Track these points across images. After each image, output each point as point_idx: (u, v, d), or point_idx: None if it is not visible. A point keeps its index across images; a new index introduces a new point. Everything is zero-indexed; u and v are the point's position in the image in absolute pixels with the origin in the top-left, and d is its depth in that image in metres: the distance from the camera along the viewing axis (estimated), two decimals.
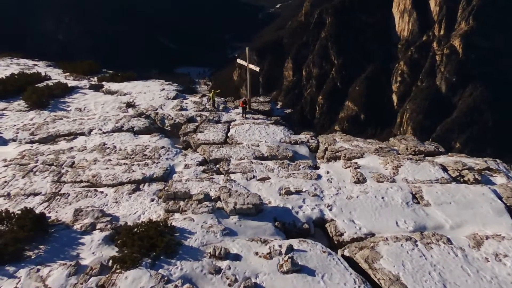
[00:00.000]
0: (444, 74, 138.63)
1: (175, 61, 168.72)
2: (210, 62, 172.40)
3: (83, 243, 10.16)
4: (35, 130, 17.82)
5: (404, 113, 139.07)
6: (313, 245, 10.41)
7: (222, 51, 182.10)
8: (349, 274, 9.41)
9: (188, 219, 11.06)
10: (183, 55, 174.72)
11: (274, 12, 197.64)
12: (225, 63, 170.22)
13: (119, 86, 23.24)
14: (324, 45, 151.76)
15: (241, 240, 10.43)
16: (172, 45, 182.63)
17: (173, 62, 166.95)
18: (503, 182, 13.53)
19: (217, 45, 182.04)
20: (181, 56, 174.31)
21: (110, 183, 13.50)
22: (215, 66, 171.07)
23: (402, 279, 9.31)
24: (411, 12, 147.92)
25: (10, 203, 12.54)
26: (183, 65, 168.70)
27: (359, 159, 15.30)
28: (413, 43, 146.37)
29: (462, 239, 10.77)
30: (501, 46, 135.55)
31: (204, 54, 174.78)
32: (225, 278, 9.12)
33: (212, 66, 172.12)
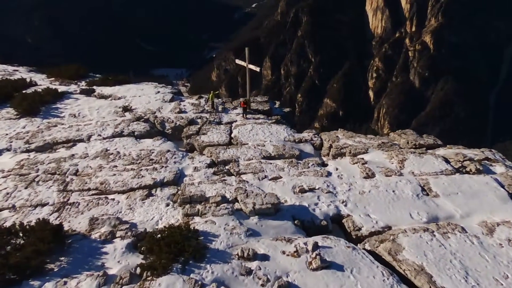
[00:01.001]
0: (417, 69, 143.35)
1: (152, 62, 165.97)
2: (188, 63, 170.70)
3: (106, 252, 9.91)
4: (29, 138, 17.14)
5: (380, 108, 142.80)
6: (336, 241, 10.61)
7: (199, 52, 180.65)
8: (376, 267, 9.66)
9: (209, 222, 11.00)
10: (160, 57, 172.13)
11: (250, 12, 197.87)
12: (203, 64, 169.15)
13: (112, 90, 22.67)
14: (301, 44, 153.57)
15: (266, 240, 10.49)
16: (148, 47, 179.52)
17: (150, 64, 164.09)
18: (503, 171, 14.24)
19: (194, 46, 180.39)
20: (158, 58, 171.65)
21: (120, 189, 13.20)
22: (193, 67, 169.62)
23: (427, 269, 9.64)
24: (384, 10, 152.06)
25: (17, 215, 12.06)
26: (160, 66, 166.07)
27: (364, 155, 15.68)
28: (386, 40, 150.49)
29: (475, 227, 11.27)
30: (469, 41, 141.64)
31: (181, 55, 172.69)
32: (257, 279, 9.15)
33: (190, 67, 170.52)
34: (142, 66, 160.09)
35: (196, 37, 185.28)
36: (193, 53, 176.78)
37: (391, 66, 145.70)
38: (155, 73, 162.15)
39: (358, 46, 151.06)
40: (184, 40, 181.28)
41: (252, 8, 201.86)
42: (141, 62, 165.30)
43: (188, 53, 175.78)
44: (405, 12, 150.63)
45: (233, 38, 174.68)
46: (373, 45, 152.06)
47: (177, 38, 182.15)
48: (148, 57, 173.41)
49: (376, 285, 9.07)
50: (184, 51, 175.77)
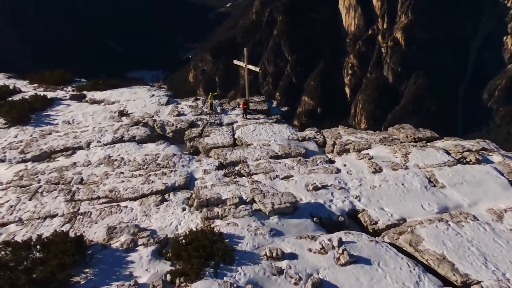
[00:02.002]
0: (390, 65, 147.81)
1: (125, 65, 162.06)
2: (163, 64, 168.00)
3: (131, 261, 9.68)
4: (24, 148, 16.41)
5: (357, 104, 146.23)
6: (358, 235, 10.85)
7: (174, 53, 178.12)
8: (401, 259, 9.96)
9: (232, 224, 10.96)
10: (133, 59, 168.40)
11: (225, 12, 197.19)
12: (179, 65, 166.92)
13: (104, 94, 22.03)
14: (277, 43, 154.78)
15: (290, 239, 10.58)
16: (120, 49, 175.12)
17: (124, 67, 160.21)
18: (500, 159, 14.99)
19: (169, 47, 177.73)
20: (132, 60, 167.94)
21: (131, 196, 12.90)
22: (169, 68, 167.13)
23: (448, 257, 10.04)
24: (356, 8, 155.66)
25: (26, 228, 11.54)
26: (135, 68, 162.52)
27: (368, 150, 16.06)
28: (360, 37, 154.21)
29: (485, 214, 11.83)
30: (437, 37, 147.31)
31: (156, 56, 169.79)
32: (289, 278, 9.23)
33: (166, 69, 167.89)
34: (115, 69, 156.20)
35: (171, 38, 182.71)
36: (168, 54, 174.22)
37: (365, 63, 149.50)
38: (129, 75, 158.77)
39: (333, 44, 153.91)
40: (158, 41, 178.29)
41: (227, 7, 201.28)
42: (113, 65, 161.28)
43: (163, 54, 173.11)
44: (376, 9, 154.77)
45: (209, 38, 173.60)
46: (347, 43, 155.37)
47: (150, 39, 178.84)
48: (121, 59, 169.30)
49: (404, 276, 9.36)
50: (159, 52, 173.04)
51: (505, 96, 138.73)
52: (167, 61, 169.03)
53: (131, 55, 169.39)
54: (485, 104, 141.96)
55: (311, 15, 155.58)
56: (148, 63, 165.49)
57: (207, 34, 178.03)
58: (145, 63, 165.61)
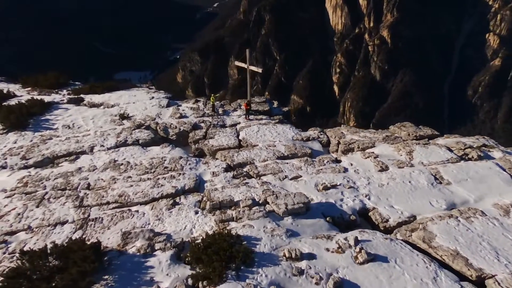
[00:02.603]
0: (377, 63, 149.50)
1: (113, 66, 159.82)
2: (151, 65, 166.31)
3: (151, 266, 9.61)
4: (25, 153, 16.08)
5: (345, 102, 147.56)
6: (373, 233, 11.03)
7: (162, 54, 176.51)
8: (416, 255, 10.17)
9: (247, 226, 10.99)
10: (121, 60, 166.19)
11: (212, 12, 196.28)
12: (167, 66, 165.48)
13: (102, 97, 21.72)
14: (265, 42, 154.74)
15: (307, 239, 10.67)
16: (107, 50, 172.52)
17: (111, 68, 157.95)
18: (500, 155, 15.40)
19: (156, 48, 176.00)
20: (119, 61, 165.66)
21: (141, 200, 12.80)
22: (157, 69, 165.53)
23: (461, 253, 10.30)
24: (343, 7, 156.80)
25: (37, 236, 11.35)
26: (122, 70, 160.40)
27: (372, 149, 16.29)
28: (347, 36, 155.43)
29: (492, 209, 12.16)
30: (422, 34, 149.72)
31: (143, 57, 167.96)
32: (310, 278, 9.32)
33: (154, 69, 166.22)
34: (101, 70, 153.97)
35: (158, 38, 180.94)
36: (156, 55, 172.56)
37: (353, 61, 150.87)
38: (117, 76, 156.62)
39: (320, 43, 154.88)
40: (146, 42, 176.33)
41: (214, 7, 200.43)
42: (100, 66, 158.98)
43: (151, 55, 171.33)
44: (362, 8, 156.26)
45: (197, 39, 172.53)
46: (335, 41, 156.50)
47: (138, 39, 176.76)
48: (108, 60, 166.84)
49: (421, 272, 9.56)
50: (147, 53, 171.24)
51: (488, 92, 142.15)
52: (154, 62, 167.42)
53: (118, 56, 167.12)
54: (470, 100, 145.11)
55: (299, 14, 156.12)
56: (136, 64, 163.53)
57: (195, 34, 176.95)
58: (133, 64, 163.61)
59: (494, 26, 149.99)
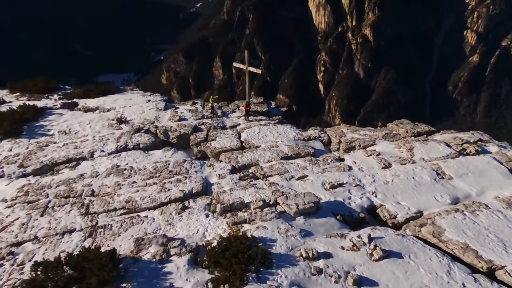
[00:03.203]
0: (360, 61, 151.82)
1: (95, 69, 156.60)
2: (134, 67, 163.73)
3: (169, 272, 9.52)
4: (23, 161, 15.62)
5: (331, 100, 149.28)
6: (384, 230, 11.22)
7: (145, 55, 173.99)
8: (429, 250, 10.41)
9: (261, 228, 11.02)
10: (103, 62, 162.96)
11: (195, 12, 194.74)
12: (151, 67, 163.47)
13: (97, 102, 21.30)
14: (249, 42, 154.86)
15: (321, 238, 10.78)
16: (89, 52, 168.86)
17: (93, 70, 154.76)
18: (496, 150, 15.91)
19: (139, 49, 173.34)
20: (101, 63, 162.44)
21: (150, 205, 12.64)
22: (141, 71, 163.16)
23: (471, 245, 10.60)
24: (325, 6, 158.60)
25: (45, 246, 11.06)
26: (105, 72, 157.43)
27: (374, 147, 16.56)
28: (330, 35, 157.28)
29: (495, 202, 12.56)
30: (403, 32, 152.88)
31: (126, 59, 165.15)
32: (329, 277, 9.42)
33: (138, 71, 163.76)
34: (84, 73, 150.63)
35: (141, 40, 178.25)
36: (139, 57, 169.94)
37: (337, 59, 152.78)
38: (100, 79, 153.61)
39: (304, 42, 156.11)
40: (128, 44, 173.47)
41: (197, 8, 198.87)
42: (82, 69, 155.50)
43: (134, 57, 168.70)
44: (345, 7, 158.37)
45: (180, 39, 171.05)
46: (319, 40, 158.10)
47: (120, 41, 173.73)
48: (90, 63, 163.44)
49: (435, 266, 9.79)
50: (130, 55, 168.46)
51: (468, 88, 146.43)
52: (138, 64, 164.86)
53: (100, 59, 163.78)
54: (450, 95, 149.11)
55: (282, 14, 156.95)
56: (119, 66, 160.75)
57: (178, 35, 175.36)
58: (115, 66, 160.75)
59: (471, 23, 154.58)
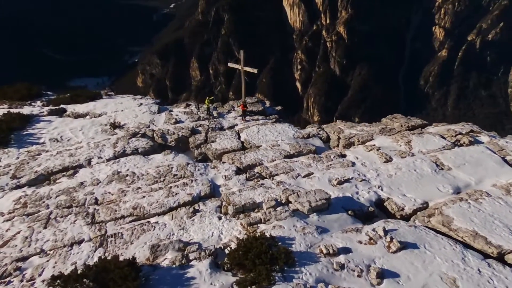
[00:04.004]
0: (336, 58, 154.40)
1: (66, 73, 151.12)
2: (108, 70, 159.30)
3: (192, 277, 9.35)
4: (15, 172, 14.89)
5: (308, 97, 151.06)
6: (397, 222, 11.50)
7: (119, 58, 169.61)
8: (441, 239, 10.75)
9: (277, 227, 11.02)
10: (75, 66, 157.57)
11: (169, 13, 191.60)
12: (125, 70, 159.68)
13: (86, 107, 20.57)
14: (226, 42, 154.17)
15: (337, 234, 10.91)
16: (59, 56, 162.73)
17: (65, 75, 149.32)
18: (488, 139, 16.62)
19: (113, 52, 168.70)
20: (73, 68, 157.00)
21: (159, 211, 12.37)
22: (115, 74, 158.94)
23: (479, 232, 11.03)
24: (299, 5, 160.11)
25: (54, 259, 10.60)
26: (77, 77, 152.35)
27: (372, 142, 16.91)
28: (305, 33, 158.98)
29: (495, 190, 13.11)
30: (375, 29, 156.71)
31: (100, 62, 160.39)
32: (351, 271, 9.55)
33: (111, 75, 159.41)
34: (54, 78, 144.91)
35: (114, 42, 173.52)
36: (113, 59, 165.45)
37: (313, 57, 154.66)
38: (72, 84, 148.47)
39: (280, 41, 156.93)
40: (101, 46, 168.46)
41: (171, 8, 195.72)
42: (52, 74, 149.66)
43: (108, 59, 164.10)
44: (318, 5, 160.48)
45: (155, 41, 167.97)
46: (294, 39, 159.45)
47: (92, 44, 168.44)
48: (61, 68, 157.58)
49: (450, 254, 10.13)
50: (103, 58, 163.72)
51: (438, 81, 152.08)
52: (111, 67, 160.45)
53: (72, 63, 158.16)
54: (422, 89, 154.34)
55: (257, 13, 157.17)
56: (91, 70, 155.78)
57: (152, 36, 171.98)
58: (88, 70, 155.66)
59: (439, 19, 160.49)
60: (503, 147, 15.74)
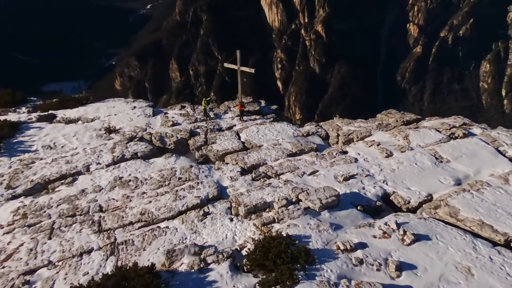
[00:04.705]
0: (315, 56, 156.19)
1: (40, 78, 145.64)
2: (85, 74, 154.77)
3: (214, 280, 9.22)
4: (9, 182, 14.25)
5: (290, 96, 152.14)
6: (406, 215, 11.73)
7: (96, 61, 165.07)
8: (451, 230, 11.05)
9: (292, 226, 11.03)
10: (49, 71, 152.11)
11: (146, 14, 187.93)
12: (102, 73, 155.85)
13: (77, 112, 19.91)
14: (205, 42, 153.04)
15: (351, 229, 11.02)
16: (31, 61, 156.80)
17: (38, 80, 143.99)
18: (480, 131, 17.22)
19: (89, 55, 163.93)
20: (47, 72, 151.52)
21: (168, 215, 12.14)
22: (92, 77, 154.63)
23: (485, 221, 11.41)
24: (278, 4, 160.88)
25: (64, 270, 10.23)
26: (51, 81, 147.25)
27: (371, 137, 17.19)
28: (284, 32, 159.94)
29: (493, 180, 13.59)
30: (352, 27, 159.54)
31: (75, 66, 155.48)
32: (370, 265, 9.67)
33: (88, 78, 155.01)
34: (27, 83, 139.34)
35: (90, 45, 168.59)
36: (89, 63, 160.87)
37: (293, 56, 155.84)
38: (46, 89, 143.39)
39: (260, 40, 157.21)
40: (76, 49, 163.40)
41: (147, 9, 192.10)
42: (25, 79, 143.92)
43: (83, 63, 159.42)
44: (296, 5, 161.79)
45: (132, 42, 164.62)
46: (274, 38, 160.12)
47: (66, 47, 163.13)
48: (34, 72, 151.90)
49: (462, 244, 10.43)
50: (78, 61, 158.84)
51: (414, 77, 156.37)
52: (88, 70, 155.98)
53: (45, 67, 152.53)
54: (399, 85, 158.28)
55: (236, 13, 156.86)
56: (67, 74, 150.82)
57: (129, 38, 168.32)
58: (63, 74, 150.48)
59: (412, 16, 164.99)
60: (495, 138, 16.35)
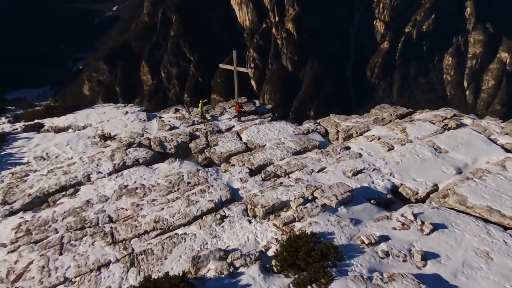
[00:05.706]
0: (287, 55, 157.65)
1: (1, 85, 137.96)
2: (50, 80, 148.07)
3: (247, 284, 9.09)
4: (5, 197, 13.38)
5: (264, 95, 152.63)
6: (420, 206, 12.08)
7: (61, 65, 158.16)
8: (464, 217, 11.50)
9: (313, 223, 11.08)
10: (10, 78, 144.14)
11: (112, 15, 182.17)
12: (69, 78, 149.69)
13: (66, 120, 18.96)
14: (176, 43, 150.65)
15: (371, 223, 11.22)
16: None
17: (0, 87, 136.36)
18: (470, 121, 18.01)
19: (54, 60, 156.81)
20: (8, 79, 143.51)
21: (184, 222, 11.84)
22: (58, 83, 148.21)
23: (493, 207, 11.96)
24: (248, 4, 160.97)
25: (83, 286, 9.76)
26: (13, 89, 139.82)
27: (369, 132, 17.56)
28: (256, 31, 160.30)
29: (492, 167, 14.26)
30: (322, 25, 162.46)
31: (39, 72, 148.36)
32: (396, 257, 9.89)
33: (54, 84, 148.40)
34: None
35: (54, 49, 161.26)
36: (54, 68, 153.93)
37: (265, 55, 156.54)
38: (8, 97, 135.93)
39: (232, 40, 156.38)
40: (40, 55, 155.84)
41: (114, 11, 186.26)
42: None
43: (48, 68, 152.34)
44: (266, 4, 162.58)
45: (100, 46, 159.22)
46: (245, 37, 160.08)
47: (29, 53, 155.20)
48: None
49: (476, 230, 10.88)
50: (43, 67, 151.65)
51: (382, 72, 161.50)
52: (53, 76, 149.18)
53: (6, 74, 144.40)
54: (369, 80, 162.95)
55: (206, 13, 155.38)
56: (30, 80, 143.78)
57: (96, 41, 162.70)
58: (27, 81, 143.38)
59: (379, 13, 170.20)
60: (486, 127, 17.16)
